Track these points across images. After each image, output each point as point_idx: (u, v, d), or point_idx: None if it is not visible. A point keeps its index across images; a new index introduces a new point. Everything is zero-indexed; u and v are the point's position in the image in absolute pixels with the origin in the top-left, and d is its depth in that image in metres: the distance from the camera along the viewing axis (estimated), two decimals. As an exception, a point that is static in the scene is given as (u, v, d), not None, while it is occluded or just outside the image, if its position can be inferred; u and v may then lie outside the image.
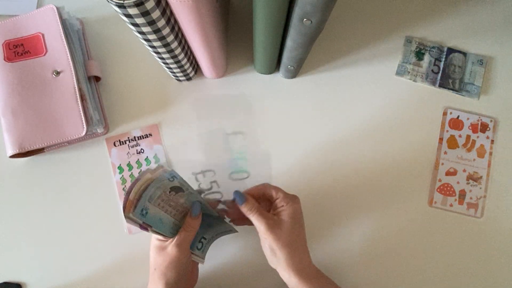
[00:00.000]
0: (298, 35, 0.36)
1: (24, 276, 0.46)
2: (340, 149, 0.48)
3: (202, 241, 0.40)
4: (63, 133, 0.45)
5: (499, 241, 0.46)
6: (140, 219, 0.33)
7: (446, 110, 0.49)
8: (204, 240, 0.41)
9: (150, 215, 0.34)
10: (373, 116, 0.49)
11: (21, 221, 0.47)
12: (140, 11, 0.31)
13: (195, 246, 0.39)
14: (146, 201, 0.34)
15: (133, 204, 0.33)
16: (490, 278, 0.45)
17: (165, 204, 0.35)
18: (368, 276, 0.45)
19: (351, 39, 0.52)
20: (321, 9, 0.30)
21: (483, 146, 0.48)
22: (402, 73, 0.51)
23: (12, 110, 0.45)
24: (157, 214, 0.35)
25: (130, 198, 0.33)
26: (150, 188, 0.34)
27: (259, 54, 0.44)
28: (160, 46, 0.38)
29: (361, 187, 0.47)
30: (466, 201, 0.47)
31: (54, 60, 0.46)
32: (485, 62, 0.50)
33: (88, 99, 0.46)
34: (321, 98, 0.50)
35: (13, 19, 0.47)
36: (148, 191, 0.34)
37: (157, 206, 0.35)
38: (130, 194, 0.33)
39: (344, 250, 0.46)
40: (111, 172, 0.48)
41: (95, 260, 0.46)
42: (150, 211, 0.34)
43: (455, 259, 0.46)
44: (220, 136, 0.48)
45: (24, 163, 0.49)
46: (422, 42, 0.51)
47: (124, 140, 0.49)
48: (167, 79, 0.50)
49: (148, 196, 0.34)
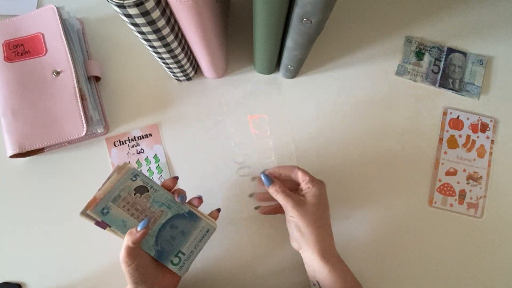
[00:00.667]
0: (298, 35, 0.36)
1: (24, 276, 0.46)
2: (340, 149, 0.48)
3: (179, 256, 0.37)
4: (63, 133, 0.45)
5: (499, 241, 0.46)
6: (99, 216, 0.34)
7: (446, 110, 0.49)
8: (183, 256, 0.37)
9: (112, 215, 0.35)
10: (373, 116, 0.49)
11: (21, 221, 0.47)
12: (140, 11, 0.31)
13: (168, 260, 0.37)
14: (109, 201, 0.35)
15: (96, 202, 0.34)
16: (490, 278, 0.45)
17: (131, 207, 0.36)
18: (368, 276, 0.45)
19: (351, 39, 0.52)
20: (321, 9, 0.30)
21: (483, 146, 0.48)
22: (402, 73, 0.51)
23: (12, 110, 0.45)
24: (120, 216, 0.35)
25: (95, 196, 0.34)
26: (115, 189, 0.35)
27: (259, 54, 0.44)
28: (160, 46, 0.38)
29: (361, 187, 0.47)
30: (466, 201, 0.47)
31: (54, 60, 0.46)
32: (485, 62, 0.50)
33: (88, 99, 0.46)
34: (321, 98, 0.50)
35: (13, 19, 0.47)
36: (113, 192, 0.35)
37: (122, 208, 0.35)
38: (96, 193, 0.34)
39: (344, 250, 0.45)
40: (111, 172, 0.48)
41: (95, 260, 0.46)
42: (112, 211, 0.35)
43: (455, 259, 0.46)
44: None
45: (24, 163, 0.49)
46: (422, 42, 0.51)
47: (124, 140, 0.49)
48: (167, 79, 0.50)
49: (112, 196, 0.35)
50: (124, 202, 0.35)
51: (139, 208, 0.36)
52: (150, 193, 0.37)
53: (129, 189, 0.36)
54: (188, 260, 0.38)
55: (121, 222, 0.35)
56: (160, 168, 0.48)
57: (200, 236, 0.39)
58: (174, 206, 0.38)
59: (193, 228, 0.38)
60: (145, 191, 0.36)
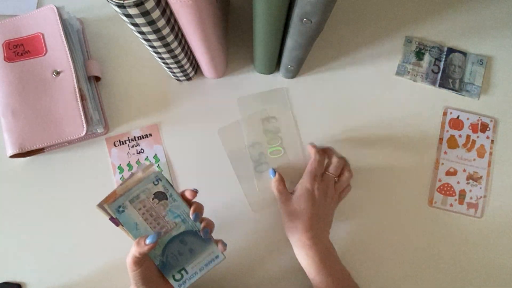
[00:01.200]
0: (298, 35, 0.36)
1: (24, 276, 0.46)
2: (339, 149, 0.48)
3: (182, 273, 0.37)
4: (63, 133, 0.45)
5: (499, 241, 0.46)
6: (114, 213, 0.34)
7: (446, 110, 0.49)
8: (185, 274, 0.37)
9: (126, 215, 0.34)
10: (373, 116, 0.49)
11: (21, 221, 0.47)
12: (140, 11, 0.31)
13: (170, 274, 0.36)
14: (127, 200, 0.34)
15: (115, 198, 0.34)
16: (490, 278, 0.45)
17: (146, 211, 0.35)
18: (368, 275, 0.45)
19: (351, 39, 0.52)
20: (321, 9, 0.30)
21: (483, 146, 0.48)
22: (402, 73, 0.51)
23: (12, 110, 0.45)
24: (134, 217, 0.35)
25: (116, 191, 0.33)
26: (136, 189, 0.34)
27: (259, 54, 0.44)
28: (160, 46, 0.38)
29: (361, 187, 0.47)
30: (466, 201, 0.47)
31: (54, 60, 0.46)
32: (485, 62, 0.50)
33: (88, 99, 0.46)
34: (321, 98, 0.50)
35: (13, 19, 0.47)
36: (133, 191, 0.34)
37: (137, 210, 0.35)
38: (117, 187, 0.34)
39: (344, 250, 0.46)
40: (111, 172, 0.48)
41: (95, 260, 0.46)
42: (128, 211, 0.34)
43: (455, 259, 0.46)
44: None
45: (24, 163, 0.49)
46: (422, 42, 0.51)
47: (124, 140, 0.49)
48: (167, 79, 0.50)
49: (131, 196, 0.34)
50: (141, 204, 0.35)
51: (154, 215, 0.36)
52: (169, 201, 0.36)
53: (149, 193, 0.35)
54: (190, 280, 0.37)
55: (134, 225, 0.35)
56: (160, 168, 0.48)
57: (207, 261, 0.37)
58: (189, 221, 0.37)
59: (203, 249, 0.37)
60: (164, 199, 0.36)
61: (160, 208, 0.36)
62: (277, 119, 0.49)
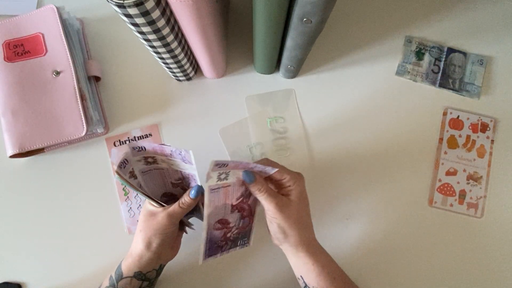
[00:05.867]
0: (298, 35, 0.36)
1: (24, 276, 0.46)
2: (340, 149, 0.48)
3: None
4: (63, 133, 0.45)
5: (499, 241, 0.46)
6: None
7: (446, 110, 0.49)
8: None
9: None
10: (373, 116, 0.49)
11: (21, 221, 0.47)
12: (140, 11, 0.31)
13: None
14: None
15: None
16: (490, 278, 0.45)
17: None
18: (368, 275, 0.45)
19: (351, 39, 0.52)
20: (321, 9, 0.30)
21: (483, 146, 0.48)
22: (402, 73, 0.51)
23: (12, 110, 0.45)
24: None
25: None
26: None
27: (259, 54, 0.44)
28: (160, 46, 0.38)
29: (361, 187, 0.47)
30: (466, 201, 0.47)
31: (54, 60, 0.46)
32: (485, 62, 0.50)
33: (88, 99, 0.46)
34: (320, 98, 0.50)
35: (13, 19, 0.47)
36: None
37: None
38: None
39: (344, 250, 0.46)
40: (111, 172, 0.48)
41: (95, 260, 0.46)
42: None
43: (455, 259, 0.46)
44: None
45: (24, 163, 0.49)
46: (422, 42, 0.51)
47: (124, 140, 0.49)
48: (167, 79, 0.50)
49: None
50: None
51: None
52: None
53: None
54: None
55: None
56: (160, 168, 0.48)
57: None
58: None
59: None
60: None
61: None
62: (285, 119, 0.49)
